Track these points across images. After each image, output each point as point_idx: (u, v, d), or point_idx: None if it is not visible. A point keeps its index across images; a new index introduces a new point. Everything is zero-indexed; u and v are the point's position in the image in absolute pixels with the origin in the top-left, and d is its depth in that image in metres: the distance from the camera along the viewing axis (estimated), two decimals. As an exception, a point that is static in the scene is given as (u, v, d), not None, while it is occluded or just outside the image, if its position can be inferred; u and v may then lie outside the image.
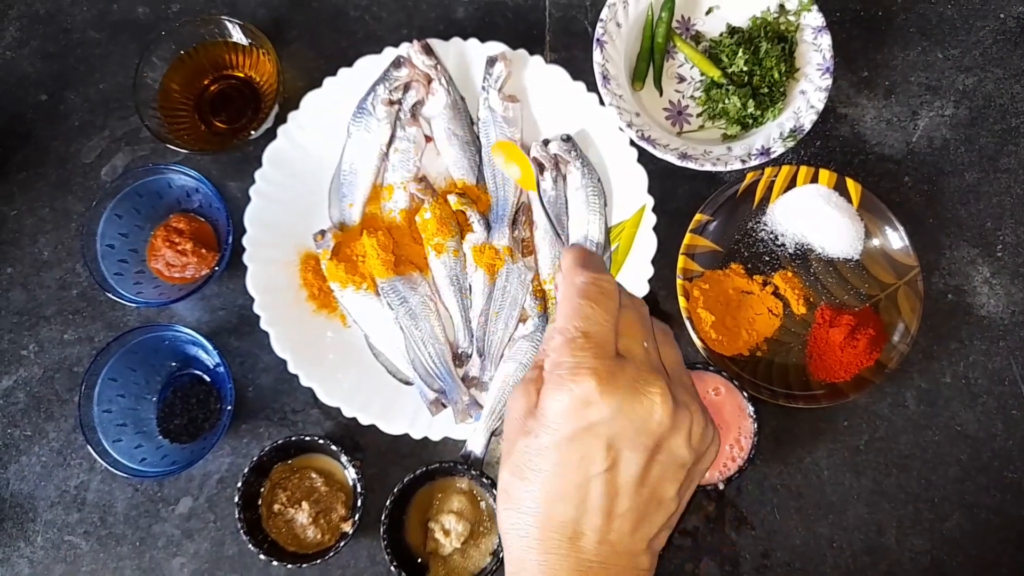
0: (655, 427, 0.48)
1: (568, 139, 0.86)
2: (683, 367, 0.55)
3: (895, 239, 0.86)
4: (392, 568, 0.79)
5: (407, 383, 0.85)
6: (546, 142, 0.86)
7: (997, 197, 0.92)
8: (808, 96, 0.86)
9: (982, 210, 0.92)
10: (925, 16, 0.96)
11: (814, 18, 0.87)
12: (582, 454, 0.47)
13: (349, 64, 0.87)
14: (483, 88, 0.87)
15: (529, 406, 0.49)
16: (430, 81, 0.87)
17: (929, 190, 0.92)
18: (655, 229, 0.86)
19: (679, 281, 0.85)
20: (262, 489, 0.83)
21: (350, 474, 0.83)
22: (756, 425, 0.81)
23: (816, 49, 0.87)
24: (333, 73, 0.87)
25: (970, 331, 0.89)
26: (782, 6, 0.89)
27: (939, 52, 0.95)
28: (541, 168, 0.86)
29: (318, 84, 0.87)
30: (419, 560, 0.82)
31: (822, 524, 0.86)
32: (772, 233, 0.89)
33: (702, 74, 0.91)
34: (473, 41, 0.88)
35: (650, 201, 0.86)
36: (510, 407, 0.51)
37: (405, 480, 0.80)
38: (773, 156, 0.85)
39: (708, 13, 0.93)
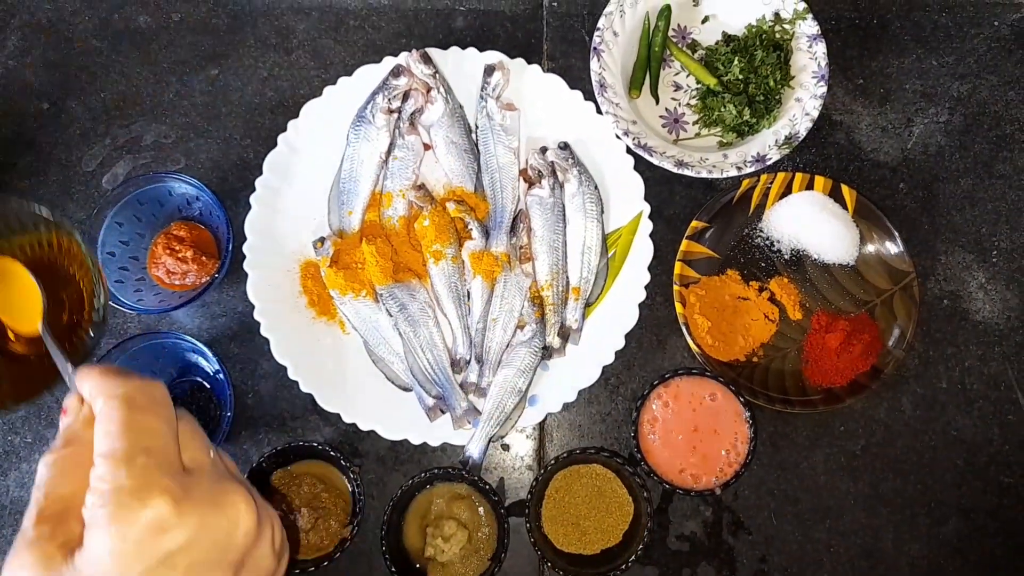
0: (241, 540, 0.43)
1: (565, 147, 0.87)
2: (224, 459, 0.48)
3: (890, 245, 0.87)
4: (391, 573, 0.79)
5: (406, 389, 0.86)
6: (544, 150, 0.87)
7: (992, 203, 0.93)
8: (803, 103, 0.87)
9: (977, 216, 0.92)
10: (920, 24, 0.97)
11: (809, 26, 0.88)
12: None
13: (349, 73, 0.89)
14: (481, 96, 0.88)
15: (51, 567, 0.40)
16: (429, 90, 0.87)
17: (924, 196, 0.93)
18: (652, 236, 0.87)
19: (676, 287, 0.86)
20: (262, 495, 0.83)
21: (349, 480, 0.83)
22: (752, 430, 0.81)
23: (811, 57, 0.88)
24: (333, 82, 0.88)
25: (966, 336, 0.90)
26: (777, 15, 0.89)
27: (934, 59, 0.96)
28: (539, 175, 0.87)
29: (318, 93, 0.88)
30: (418, 566, 0.83)
31: (819, 529, 0.86)
32: (768, 239, 0.90)
33: (698, 82, 0.92)
34: (471, 50, 0.89)
35: (647, 208, 0.87)
36: None
37: (404, 486, 0.81)
38: (769, 163, 0.86)
39: (704, 22, 0.94)
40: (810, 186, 0.88)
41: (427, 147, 0.89)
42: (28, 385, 0.54)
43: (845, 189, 0.88)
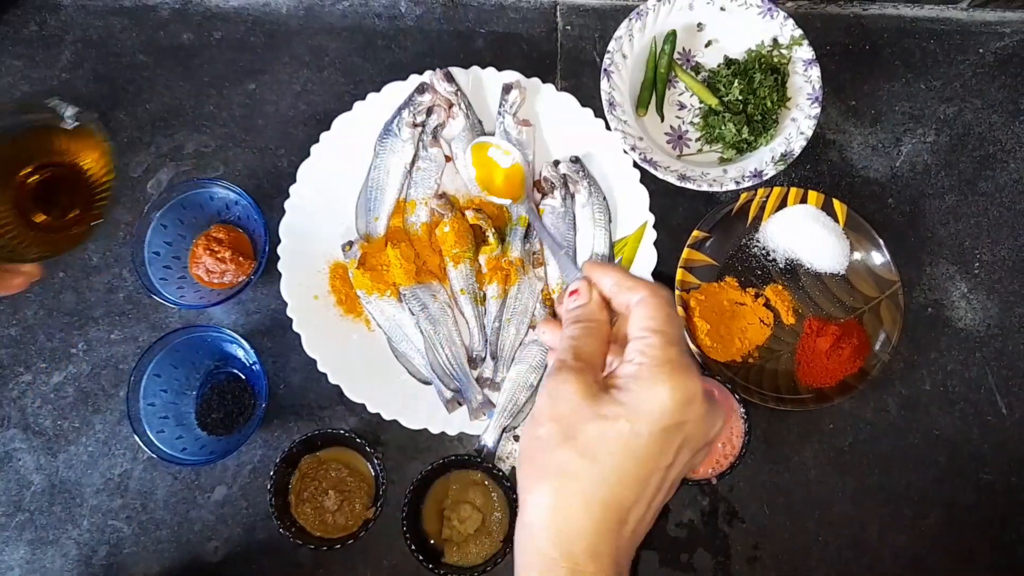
0: (712, 436, 0.50)
1: (576, 160, 0.92)
2: None
3: (878, 256, 0.91)
4: (411, 552, 0.83)
5: (426, 382, 0.90)
6: (556, 163, 0.92)
7: (975, 218, 0.98)
8: (798, 123, 0.91)
9: (961, 230, 0.97)
10: (909, 50, 1.02)
11: (805, 52, 0.92)
12: (662, 447, 0.47)
13: (377, 89, 0.93)
14: (499, 113, 0.92)
15: (593, 392, 0.48)
16: (451, 106, 0.92)
17: (911, 211, 0.97)
18: (655, 244, 0.90)
19: (677, 292, 0.90)
20: (291, 479, 0.87)
21: (373, 465, 0.88)
22: (747, 426, 0.86)
23: (806, 80, 0.92)
24: (362, 97, 0.93)
25: (948, 342, 0.94)
26: (775, 40, 0.94)
27: (922, 83, 1.01)
28: (552, 187, 0.92)
29: (348, 107, 0.92)
30: (432, 543, 0.87)
31: (809, 520, 0.90)
32: (764, 249, 0.94)
33: (701, 102, 0.96)
34: (490, 70, 0.93)
35: (651, 218, 0.91)
36: (560, 391, 0.49)
37: (423, 472, 0.85)
38: (765, 178, 0.90)
39: (707, 46, 0.98)
40: (804, 200, 0.92)
41: (448, 159, 0.94)
42: (49, 247, 0.71)
43: (837, 203, 0.92)
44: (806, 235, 0.92)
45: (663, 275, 0.91)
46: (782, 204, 0.93)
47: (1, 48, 1.01)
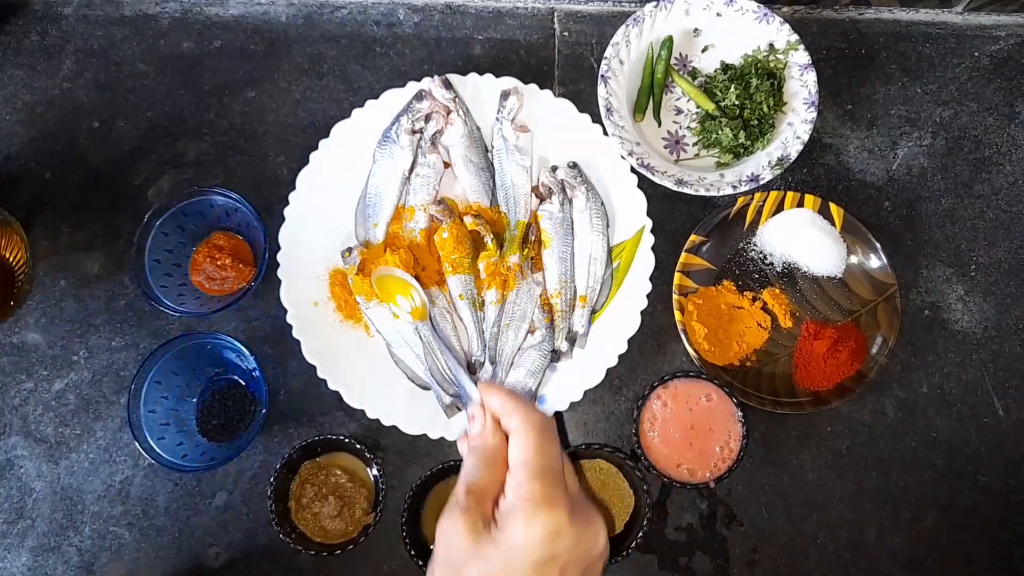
0: (597, 553, 0.54)
1: (574, 166, 0.92)
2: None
3: (875, 259, 0.92)
4: (411, 557, 0.84)
5: (425, 388, 0.90)
6: (554, 168, 0.92)
7: (971, 221, 0.98)
8: (795, 128, 0.92)
9: (957, 233, 0.98)
10: (905, 54, 1.03)
11: (801, 57, 0.92)
12: None
13: (375, 96, 0.93)
14: (497, 119, 0.93)
15: (476, 532, 0.52)
16: (449, 112, 0.92)
17: (907, 214, 0.98)
18: (653, 248, 0.91)
19: (675, 296, 0.91)
20: (292, 484, 0.88)
21: (372, 471, 0.88)
22: (744, 429, 0.86)
23: (802, 85, 0.93)
24: (361, 104, 0.93)
25: (945, 345, 0.95)
26: (772, 45, 0.94)
27: (918, 87, 1.02)
28: (550, 192, 0.93)
29: (347, 115, 0.93)
30: (432, 548, 0.87)
31: (807, 522, 0.91)
32: (761, 253, 0.95)
33: (698, 107, 0.97)
34: (488, 76, 0.94)
35: (649, 223, 0.91)
36: (447, 535, 0.54)
37: (423, 477, 0.86)
38: (762, 182, 0.90)
39: (704, 51, 0.99)
40: (801, 204, 0.93)
41: (447, 165, 0.94)
42: None
43: (833, 207, 0.92)
44: (803, 239, 0.92)
45: (661, 279, 0.92)
46: (779, 208, 0.94)
47: (3, 58, 1.02)
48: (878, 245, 0.91)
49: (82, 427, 0.93)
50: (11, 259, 0.87)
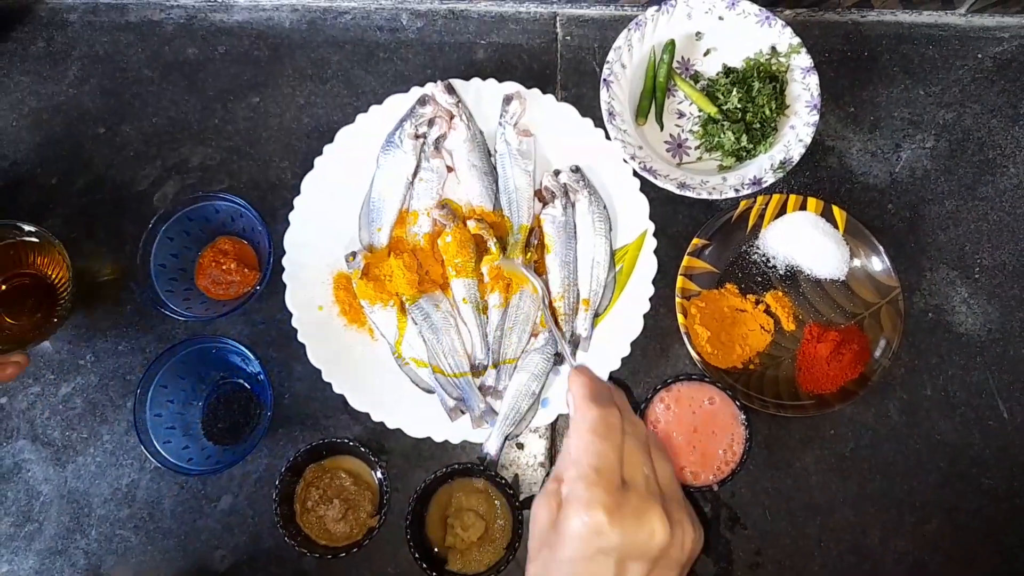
0: (655, 547, 0.55)
1: (577, 170, 0.93)
2: (675, 480, 0.61)
3: (878, 262, 0.92)
4: (415, 560, 0.84)
5: (429, 391, 0.91)
6: (557, 172, 0.93)
7: (975, 223, 0.98)
8: (797, 131, 0.92)
9: (961, 235, 0.97)
10: (908, 56, 1.03)
11: (803, 60, 0.93)
12: (594, 570, 0.54)
13: (379, 101, 0.94)
14: (500, 123, 0.94)
15: (551, 519, 0.56)
16: (452, 117, 0.93)
17: (911, 217, 0.98)
18: (656, 252, 0.91)
19: (678, 300, 0.91)
20: (297, 487, 0.89)
21: (376, 474, 0.89)
22: (748, 432, 0.87)
23: (805, 88, 0.93)
24: (365, 109, 0.94)
25: (949, 347, 0.95)
26: (774, 48, 0.95)
27: (921, 89, 1.02)
28: (552, 196, 0.93)
29: (351, 119, 0.94)
30: (436, 551, 0.88)
31: (810, 525, 0.91)
32: (764, 256, 0.95)
33: (700, 110, 0.97)
34: (491, 81, 0.95)
35: (651, 226, 0.92)
36: (536, 515, 0.58)
37: (427, 480, 0.86)
38: (765, 186, 0.90)
39: (706, 55, 0.99)
40: (804, 207, 0.93)
41: (450, 169, 0.95)
42: (15, 343, 0.86)
43: (836, 210, 0.93)
44: (806, 242, 0.92)
45: (663, 283, 0.92)
46: (782, 211, 0.94)
47: (9, 64, 1.03)
48: (881, 248, 0.91)
49: (89, 431, 0.94)
50: (54, 277, 0.91)
